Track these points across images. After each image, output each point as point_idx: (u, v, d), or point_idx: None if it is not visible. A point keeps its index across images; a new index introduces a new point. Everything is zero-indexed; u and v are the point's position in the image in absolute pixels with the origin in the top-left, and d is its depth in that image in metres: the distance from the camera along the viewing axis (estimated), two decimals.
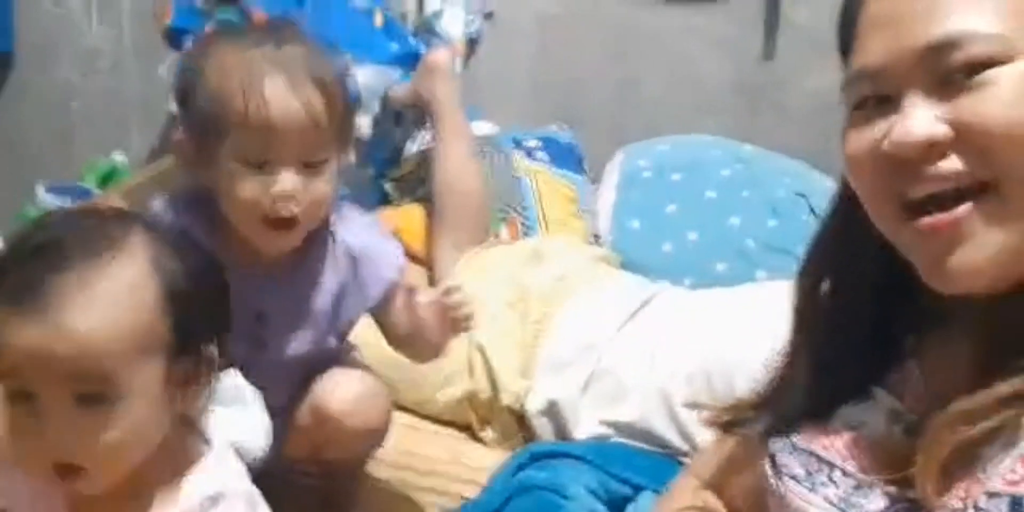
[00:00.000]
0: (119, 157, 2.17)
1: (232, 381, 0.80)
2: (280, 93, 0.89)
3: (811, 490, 0.68)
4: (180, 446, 0.77)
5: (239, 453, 0.79)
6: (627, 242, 1.71)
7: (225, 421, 0.79)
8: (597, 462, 1.18)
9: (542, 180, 1.80)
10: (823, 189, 1.77)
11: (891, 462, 0.65)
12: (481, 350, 1.33)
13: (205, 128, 0.92)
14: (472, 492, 1.21)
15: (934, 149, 0.59)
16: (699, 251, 1.68)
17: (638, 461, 1.21)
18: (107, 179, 2.12)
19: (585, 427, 1.28)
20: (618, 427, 1.27)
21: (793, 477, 0.69)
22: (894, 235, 0.63)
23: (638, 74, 2.03)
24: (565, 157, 1.88)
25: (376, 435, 1.10)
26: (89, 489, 0.72)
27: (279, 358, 1.04)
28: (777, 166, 1.80)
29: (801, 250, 1.70)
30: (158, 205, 1.00)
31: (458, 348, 1.33)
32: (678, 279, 1.62)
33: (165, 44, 1.92)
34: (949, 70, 0.59)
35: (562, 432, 1.29)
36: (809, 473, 0.69)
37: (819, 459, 0.69)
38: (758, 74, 2.01)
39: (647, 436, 1.26)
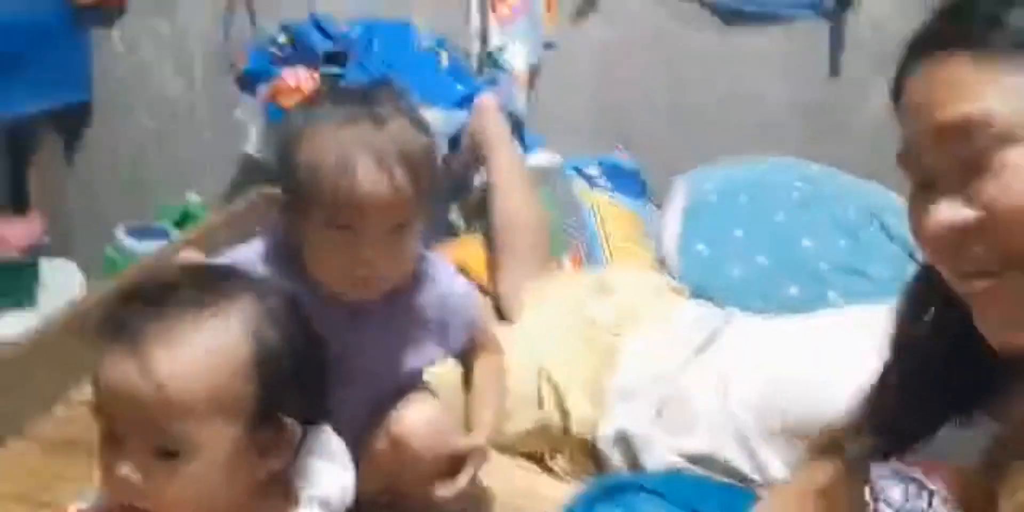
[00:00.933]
0: (193, 198, 2.24)
1: (323, 435, 0.80)
2: (370, 175, 0.94)
3: None
4: (265, 502, 0.77)
5: (323, 506, 0.79)
6: (694, 267, 1.68)
7: (312, 473, 0.79)
8: (671, 496, 1.15)
9: (604, 208, 1.80)
10: (894, 207, 1.73)
11: (990, 490, 0.63)
12: (550, 380, 1.33)
13: (298, 193, 0.98)
14: None
15: (968, 233, 0.61)
16: (769, 275, 1.65)
17: (712, 493, 1.19)
18: (182, 220, 2.19)
19: (657, 458, 1.25)
20: (691, 458, 1.24)
21: (890, 504, 0.68)
22: (960, 294, 0.65)
23: (699, 98, 2.02)
24: (628, 183, 1.87)
25: (449, 460, 1.10)
26: None
27: (358, 394, 1.06)
28: (846, 185, 1.77)
29: (874, 270, 1.68)
30: (248, 251, 1.04)
31: (526, 379, 1.34)
32: (748, 304, 1.59)
33: (238, 88, 1.98)
34: (969, 153, 0.61)
35: (633, 462, 1.27)
36: (907, 499, 0.68)
37: (919, 485, 0.68)
38: (822, 94, 1.98)
39: (721, 467, 1.23)
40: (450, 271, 1.12)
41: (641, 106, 2.05)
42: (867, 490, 0.71)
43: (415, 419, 1.07)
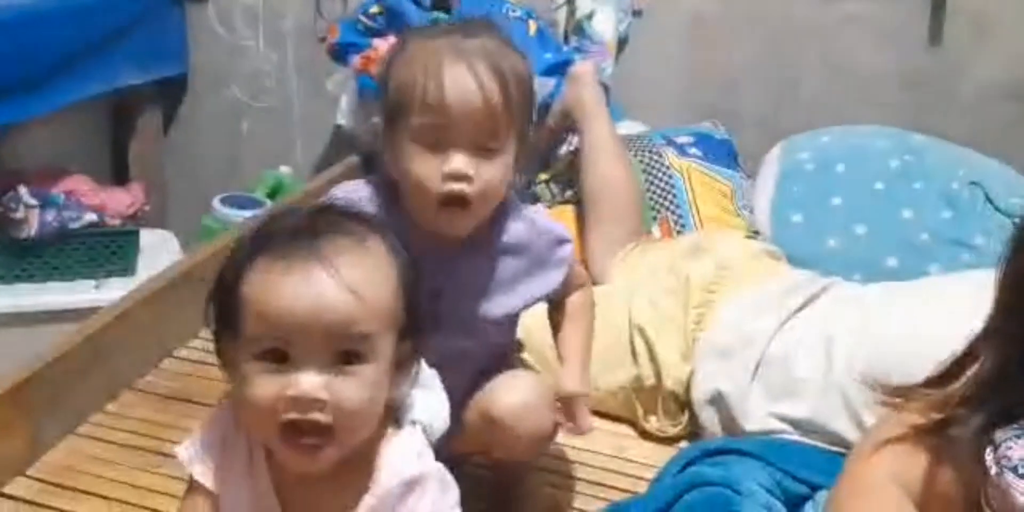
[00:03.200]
0: (285, 170, 2.29)
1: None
2: (459, 79, 0.93)
3: None
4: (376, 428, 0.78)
5: (424, 433, 0.81)
6: (789, 237, 1.65)
7: (412, 401, 0.81)
8: (771, 459, 1.14)
9: (695, 177, 1.77)
10: (999, 176, 1.68)
11: None
12: (643, 335, 1.32)
13: (392, 113, 0.97)
14: (637, 487, 1.20)
15: None
16: (868, 245, 1.61)
17: (814, 459, 1.17)
18: (275, 191, 2.24)
19: (755, 420, 1.24)
20: (791, 422, 1.23)
21: (1013, 470, 0.66)
22: None
23: (795, 68, 1.97)
24: (719, 153, 1.84)
25: (543, 441, 1.10)
26: (320, 461, 0.73)
27: (452, 343, 1.05)
28: (949, 155, 1.71)
29: (979, 241, 1.62)
30: (353, 191, 1.04)
31: (620, 335, 1.34)
32: (846, 275, 1.55)
33: (330, 60, 2.01)
34: None
35: (729, 424, 1.26)
36: None
37: None
38: (924, 63, 1.92)
39: (823, 432, 1.21)
40: (542, 211, 1.10)
41: (734, 76, 2.01)
42: (991, 455, 0.68)
43: (511, 402, 1.05)
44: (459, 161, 0.94)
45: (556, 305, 1.11)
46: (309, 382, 0.70)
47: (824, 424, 1.20)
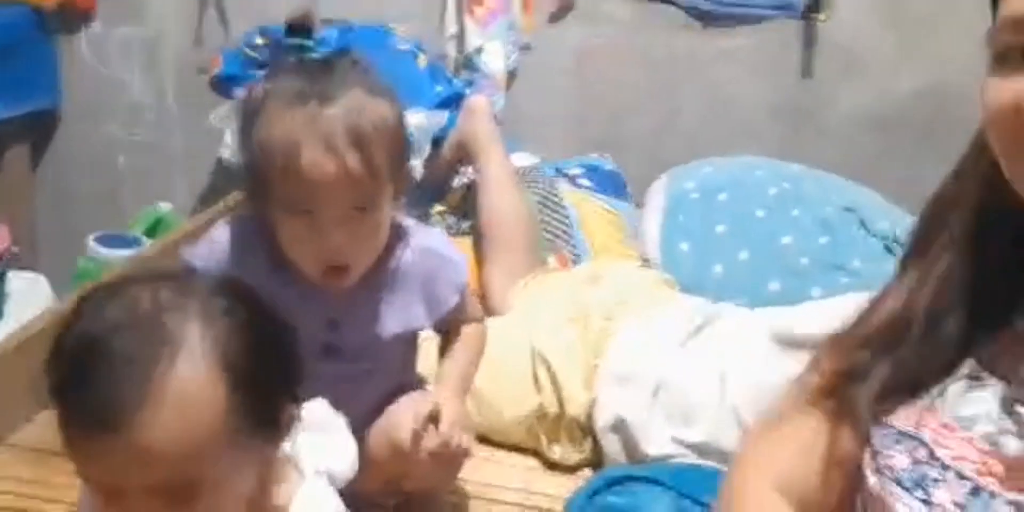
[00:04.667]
0: (165, 206, 2.20)
1: (320, 409, 0.80)
2: (316, 159, 0.91)
3: (925, 502, 0.62)
4: (271, 477, 0.76)
5: (330, 479, 0.78)
6: (677, 265, 1.69)
7: (315, 448, 0.78)
8: (674, 485, 1.15)
9: (587, 208, 1.81)
10: (870, 202, 1.77)
11: (1013, 465, 0.60)
12: (546, 362, 1.33)
13: (255, 174, 0.96)
14: None
15: None
16: (751, 271, 1.67)
17: (714, 483, 1.19)
18: (154, 228, 2.15)
19: (657, 445, 1.26)
20: (690, 446, 1.25)
21: (898, 482, 0.64)
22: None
23: (677, 100, 2.04)
24: (609, 184, 1.88)
25: (452, 465, 1.09)
26: None
27: (353, 370, 1.04)
28: (823, 183, 1.80)
29: (855, 265, 1.69)
30: (223, 231, 1.02)
31: (522, 363, 1.34)
32: (732, 300, 1.60)
33: (213, 93, 1.96)
34: None
35: (632, 450, 1.27)
36: (916, 462, 0.63)
37: (930, 453, 0.63)
38: (796, 95, 2.02)
39: (721, 456, 1.23)
40: (434, 232, 1.10)
41: (619, 109, 2.06)
42: (867, 455, 0.66)
43: (409, 421, 1.03)
44: (332, 238, 0.94)
45: (448, 334, 1.11)
46: None
47: (720, 447, 1.23)
